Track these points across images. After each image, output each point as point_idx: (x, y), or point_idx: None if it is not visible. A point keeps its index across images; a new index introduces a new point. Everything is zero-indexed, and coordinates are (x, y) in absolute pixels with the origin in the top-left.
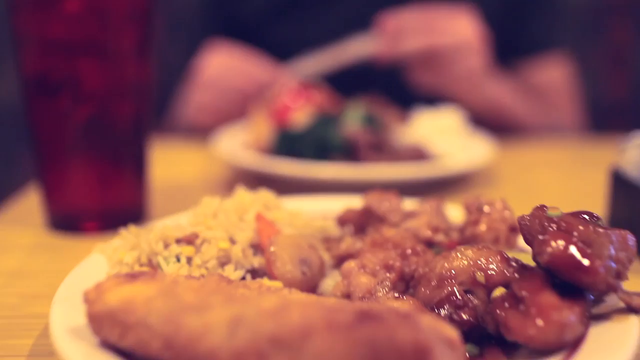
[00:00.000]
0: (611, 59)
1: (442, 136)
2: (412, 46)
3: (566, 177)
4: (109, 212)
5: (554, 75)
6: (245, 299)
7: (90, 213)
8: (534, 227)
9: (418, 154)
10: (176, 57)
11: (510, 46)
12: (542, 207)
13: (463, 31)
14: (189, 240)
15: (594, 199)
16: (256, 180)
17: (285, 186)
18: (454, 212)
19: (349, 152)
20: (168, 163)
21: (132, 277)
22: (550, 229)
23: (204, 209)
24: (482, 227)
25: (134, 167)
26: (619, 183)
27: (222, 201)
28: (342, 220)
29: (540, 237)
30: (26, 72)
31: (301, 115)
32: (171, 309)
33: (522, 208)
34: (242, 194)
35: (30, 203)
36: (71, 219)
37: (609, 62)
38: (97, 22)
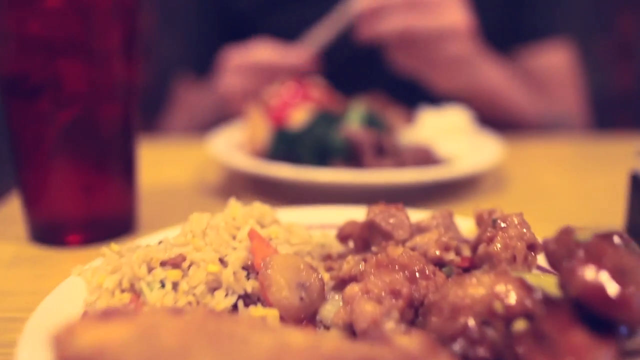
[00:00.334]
0: (617, 50)
1: (450, 137)
2: (390, 26)
3: (578, 177)
4: (95, 223)
5: (555, 61)
6: (234, 341)
7: (74, 224)
8: (561, 252)
9: (425, 157)
10: (171, 51)
11: (512, 32)
12: (569, 230)
13: (448, 17)
14: (175, 263)
15: (610, 201)
16: (252, 183)
17: (282, 190)
18: (465, 224)
19: (351, 156)
20: (159, 166)
21: (107, 315)
22: (579, 255)
23: (192, 227)
24: (498, 246)
25: (121, 173)
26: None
27: (212, 217)
28: (343, 236)
29: (568, 264)
30: (4, 72)
31: (300, 114)
32: (150, 355)
33: (536, 214)
34: (235, 208)
35: (13, 212)
36: (54, 231)
37: (614, 53)
38: (80, 18)
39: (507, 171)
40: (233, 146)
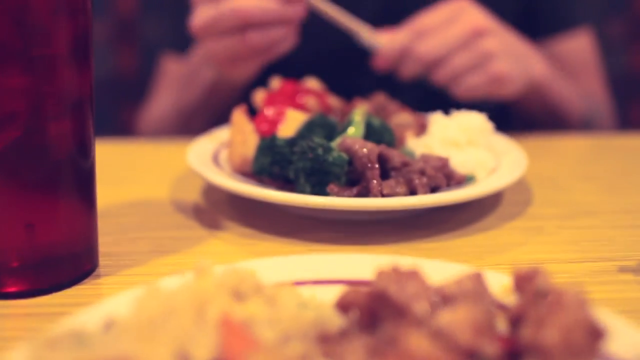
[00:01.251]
0: (631, 30)
1: (465, 146)
2: (432, 49)
3: (615, 187)
4: (41, 265)
5: (578, 47)
6: None
7: (14, 268)
8: None
9: (442, 174)
10: (157, 34)
11: (532, 25)
12: None
13: (470, 19)
14: None
15: None
16: (238, 200)
17: (270, 208)
18: (496, 280)
19: (351, 171)
20: (130, 177)
21: None
22: None
23: (144, 309)
24: (552, 335)
25: (74, 202)
26: None
27: (170, 294)
28: (344, 306)
29: None
30: None
31: (292, 121)
32: None
33: (572, 238)
34: (204, 277)
35: None
36: None
37: (629, 34)
38: (14, 19)
39: (528, 181)
40: (220, 154)
